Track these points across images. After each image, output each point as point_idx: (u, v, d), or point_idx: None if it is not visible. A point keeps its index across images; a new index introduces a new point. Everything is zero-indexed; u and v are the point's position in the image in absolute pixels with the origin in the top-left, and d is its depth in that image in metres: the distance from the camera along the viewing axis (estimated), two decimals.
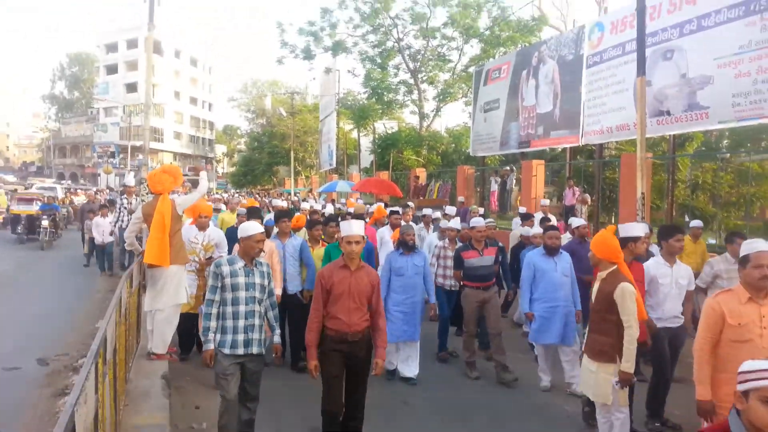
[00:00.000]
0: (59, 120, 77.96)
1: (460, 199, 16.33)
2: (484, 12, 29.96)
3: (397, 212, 9.46)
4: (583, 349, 4.68)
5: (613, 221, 13.12)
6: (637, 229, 5.11)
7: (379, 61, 32.55)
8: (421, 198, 20.52)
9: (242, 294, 4.32)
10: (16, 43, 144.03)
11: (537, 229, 7.79)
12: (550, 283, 6.14)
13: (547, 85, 16.27)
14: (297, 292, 6.74)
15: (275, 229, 7.15)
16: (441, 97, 32.07)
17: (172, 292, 5.94)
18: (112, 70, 64.77)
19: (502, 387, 6.33)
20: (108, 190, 36.09)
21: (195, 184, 9.36)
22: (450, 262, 7.42)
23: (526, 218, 10.21)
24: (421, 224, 10.64)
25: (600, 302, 4.43)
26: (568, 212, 14.21)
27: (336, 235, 7.00)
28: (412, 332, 6.35)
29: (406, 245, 6.40)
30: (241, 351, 4.30)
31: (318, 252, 6.97)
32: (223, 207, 12.63)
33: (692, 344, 3.70)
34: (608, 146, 16.92)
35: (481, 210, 11.88)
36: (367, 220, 10.03)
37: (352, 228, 4.34)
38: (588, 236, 7.56)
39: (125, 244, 7.26)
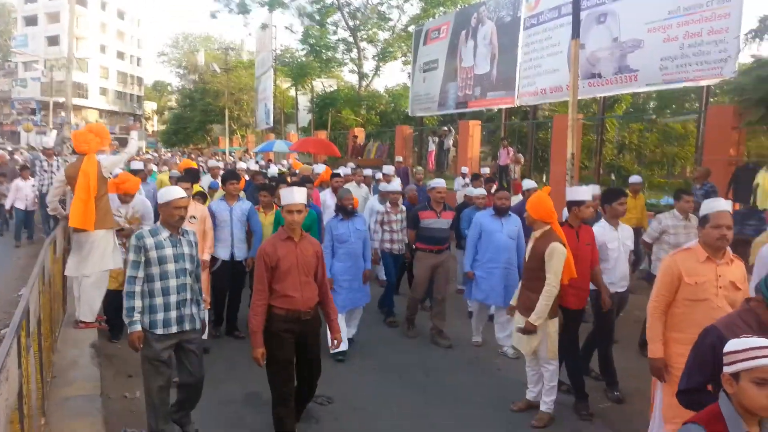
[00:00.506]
0: None
1: (398, 158, 16.33)
2: None
3: (338, 175, 9.09)
4: (515, 304, 4.85)
5: (544, 180, 13.47)
6: (581, 192, 4.98)
7: (317, 18, 31.73)
8: (359, 158, 20.44)
9: (171, 267, 3.90)
10: None
11: (480, 191, 7.71)
12: (495, 244, 6.09)
13: (485, 46, 16.33)
14: (243, 260, 6.49)
15: (220, 193, 6.79)
16: (380, 56, 31.70)
17: (98, 258, 5.71)
18: (31, 21, 60.45)
19: (443, 348, 6.43)
20: (28, 149, 34.16)
21: (123, 143, 8.63)
22: (396, 226, 7.25)
23: (475, 178, 10.03)
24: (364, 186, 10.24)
25: (532, 260, 4.54)
26: (503, 171, 14.50)
27: None
28: (361, 297, 6.24)
29: (345, 210, 6.13)
30: (175, 329, 3.90)
31: (270, 218, 6.67)
32: (155, 167, 12.13)
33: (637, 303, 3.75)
34: (542, 107, 17.26)
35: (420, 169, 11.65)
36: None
37: (294, 195, 3.96)
38: None
39: (48, 209, 6.89)
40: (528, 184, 7.96)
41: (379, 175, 10.63)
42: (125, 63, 68.15)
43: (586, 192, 5.04)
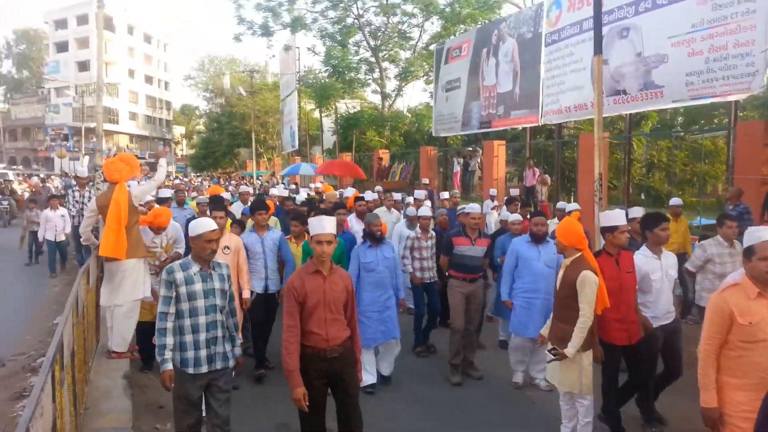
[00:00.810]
0: (8, 101, 74.89)
1: (424, 180, 16.32)
2: None
3: (362, 199, 8.85)
4: (547, 336, 4.70)
5: (572, 201, 13.31)
6: (614, 217, 4.67)
7: (339, 38, 32.11)
8: (385, 180, 20.52)
9: (200, 303, 3.77)
10: None
11: (516, 216, 7.26)
12: (533, 272, 5.78)
13: (507, 63, 16.33)
14: (276, 291, 6.27)
15: (250, 222, 6.65)
16: (402, 75, 31.89)
17: (130, 287, 5.79)
18: (62, 47, 62.29)
19: (474, 380, 6.23)
20: (62, 177, 34.93)
21: (154, 168, 8.64)
22: (426, 253, 7.02)
23: (510, 202, 9.41)
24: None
25: (564, 289, 4.41)
26: (529, 193, 14.40)
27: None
28: (391, 330, 5.85)
29: (373, 237, 5.86)
30: (205, 368, 3.77)
31: (301, 248, 6.46)
32: (190, 194, 12.20)
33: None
34: (567, 125, 17.14)
35: (445, 194, 11.27)
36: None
37: (324, 225, 3.72)
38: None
39: (81, 239, 7.03)
40: (569, 206, 7.58)
41: (409, 199, 10.41)
42: (153, 87, 69.64)
43: (619, 216, 4.72)
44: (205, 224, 3.88)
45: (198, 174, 46.73)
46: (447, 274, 6.49)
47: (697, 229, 10.44)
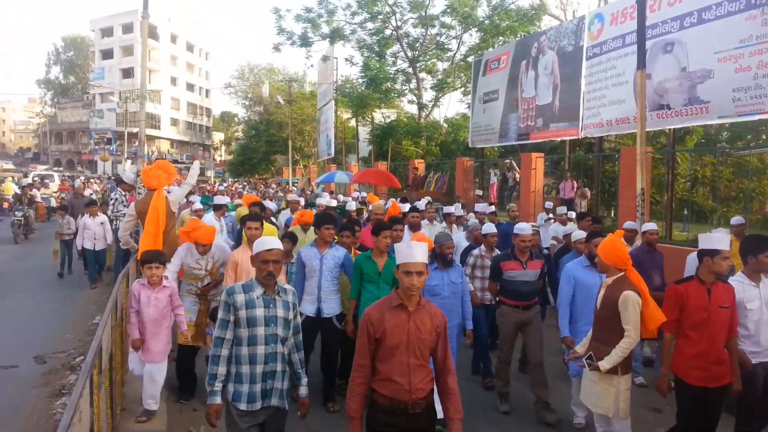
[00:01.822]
0: (55, 105, 77.47)
1: (457, 195, 16.14)
2: (483, 0, 29.72)
3: (415, 209, 8.20)
4: (581, 351, 4.50)
5: (612, 215, 13.08)
6: (717, 240, 4.13)
7: (377, 49, 32.32)
8: (420, 190, 20.47)
9: (260, 331, 3.36)
10: (9, 25, 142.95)
11: (579, 233, 6.47)
12: (594, 302, 4.90)
13: (547, 76, 16.17)
14: (334, 317, 5.55)
15: (310, 236, 6.27)
16: (439, 86, 31.89)
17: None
18: (107, 55, 64.28)
19: (541, 424, 5.36)
20: (106, 179, 35.81)
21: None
22: (489, 273, 6.33)
23: (582, 218, 8.49)
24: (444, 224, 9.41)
25: (605, 309, 4.25)
26: (567, 206, 14.17)
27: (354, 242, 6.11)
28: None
29: (444, 259, 5.33)
30: (259, 404, 3.36)
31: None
32: (237, 200, 11.82)
33: None
34: (608, 138, 16.86)
35: (490, 207, 10.24)
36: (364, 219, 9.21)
37: (414, 253, 3.09)
38: (655, 243, 6.72)
39: (120, 244, 7.18)
40: (647, 226, 6.95)
41: (450, 209, 9.69)
42: (195, 94, 71.22)
43: (722, 239, 4.14)
44: (264, 243, 3.47)
45: (235, 179, 47.42)
46: (497, 300, 5.92)
47: None
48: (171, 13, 64.32)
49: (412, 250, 3.09)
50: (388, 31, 32.20)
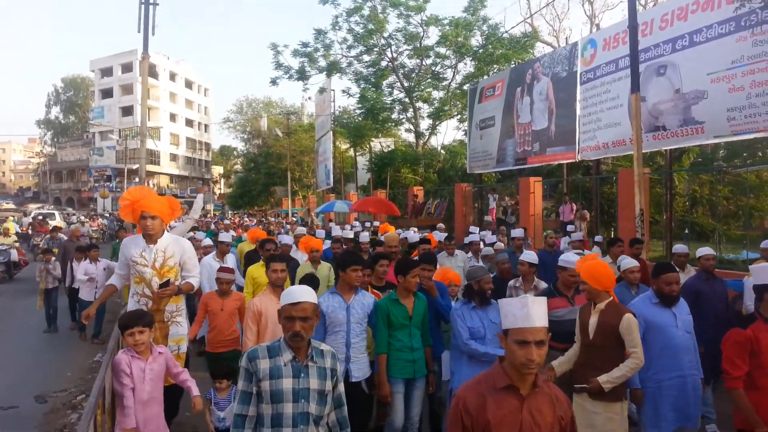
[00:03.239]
0: (55, 145, 78.08)
1: (439, 225, 15.83)
2: (477, 30, 30.17)
3: (427, 242, 7.62)
4: (576, 386, 4.19)
5: (612, 236, 13.08)
6: None
7: (373, 80, 32.70)
8: (419, 217, 20.50)
9: (288, 409, 2.68)
10: (10, 68, 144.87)
11: (630, 261, 5.76)
12: (671, 343, 4.32)
13: (542, 101, 16.34)
14: (363, 380, 4.58)
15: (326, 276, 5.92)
16: (435, 115, 32.20)
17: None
18: (107, 94, 65.10)
19: None
20: (107, 216, 35.88)
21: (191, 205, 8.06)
22: None
23: (634, 244, 7.66)
24: (469, 254, 8.76)
25: (600, 338, 4.07)
26: (565, 228, 14.20)
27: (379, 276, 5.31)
28: None
29: (483, 296, 4.61)
30: None
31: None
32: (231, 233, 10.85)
33: None
34: (605, 161, 16.96)
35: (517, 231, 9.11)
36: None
37: (532, 313, 2.26)
38: (713, 269, 6.02)
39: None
40: (703, 251, 6.24)
41: (475, 237, 9.20)
42: (194, 130, 71.86)
43: None
44: (289, 295, 2.75)
45: (235, 212, 47.54)
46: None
47: (743, 263, 10.08)
48: (170, 52, 65.36)
49: (529, 309, 2.25)
50: (384, 63, 32.62)
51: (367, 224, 15.67)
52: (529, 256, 5.96)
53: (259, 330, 4.52)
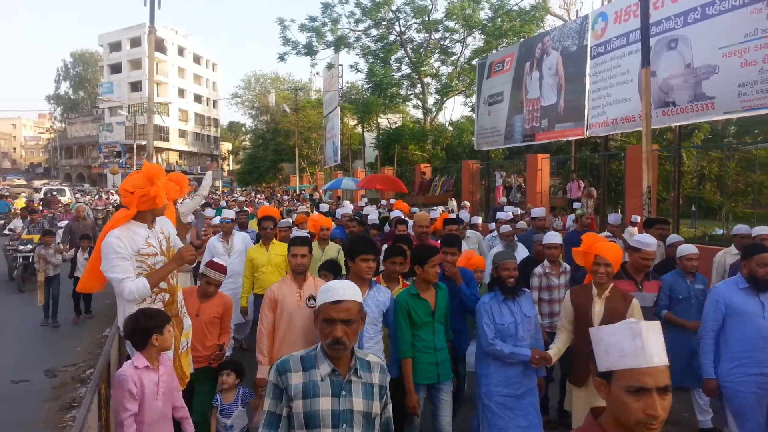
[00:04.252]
0: (65, 120, 78.24)
1: (464, 202, 15.83)
2: (485, 2, 29.74)
3: (455, 221, 6.96)
4: (569, 379, 4.06)
5: (620, 213, 13.03)
6: None
7: (381, 55, 32.42)
8: (426, 194, 20.48)
9: None
10: (19, 44, 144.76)
11: (689, 247, 5.12)
12: (756, 335, 3.89)
13: (551, 77, 16.14)
14: None
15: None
16: (443, 90, 31.93)
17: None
18: (116, 69, 64.89)
19: None
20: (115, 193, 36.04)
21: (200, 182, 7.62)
22: (557, 294, 5.21)
23: (652, 224, 6.85)
24: (494, 232, 8.11)
25: (612, 323, 3.83)
26: (572, 206, 14.15)
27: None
28: (535, 425, 3.98)
29: (504, 286, 4.01)
30: None
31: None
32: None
33: None
34: (613, 137, 16.79)
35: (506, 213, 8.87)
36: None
37: (649, 347, 1.57)
38: None
39: None
40: (761, 230, 5.77)
41: (502, 215, 8.65)
42: (202, 105, 71.68)
43: None
44: (329, 291, 2.18)
45: (243, 188, 47.67)
46: None
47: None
48: (178, 26, 64.91)
49: (644, 341, 1.57)
50: (392, 37, 32.31)
51: (383, 202, 14.93)
52: (554, 237, 5.43)
53: (274, 320, 3.98)
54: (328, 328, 2.11)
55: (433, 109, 33.22)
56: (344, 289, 2.16)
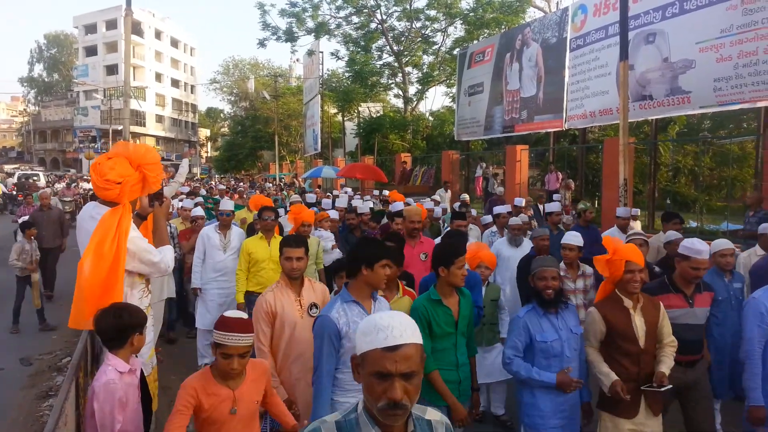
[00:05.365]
0: (39, 103, 76.54)
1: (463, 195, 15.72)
2: None
3: (460, 215, 6.49)
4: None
5: (596, 206, 13.20)
6: None
7: (362, 43, 32.26)
8: (406, 184, 20.52)
9: None
10: None
11: (724, 242, 4.65)
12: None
13: (531, 68, 16.24)
14: None
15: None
16: (424, 80, 31.91)
17: (157, 289, 5.87)
18: (91, 51, 63.54)
19: None
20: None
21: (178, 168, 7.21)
22: (576, 300, 4.72)
23: (670, 218, 6.47)
24: (493, 228, 7.78)
25: (653, 339, 3.41)
26: (551, 197, 14.30)
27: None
28: None
29: (544, 298, 3.46)
30: None
31: (400, 304, 3.68)
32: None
33: None
34: (591, 130, 16.97)
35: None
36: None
37: None
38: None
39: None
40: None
41: (519, 201, 8.89)
42: (180, 91, 70.63)
43: None
44: (378, 331, 1.49)
45: (222, 176, 47.23)
46: None
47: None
48: (156, 8, 63.76)
49: None
50: (373, 25, 32.16)
51: (375, 192, 14.34)
52: (575, 238, 4.93)
53: (273, 335, 3.47)
54: (381, 386, 1.44)
55: (414, 99, 33.21)
56: (401, 328, 1.47)
